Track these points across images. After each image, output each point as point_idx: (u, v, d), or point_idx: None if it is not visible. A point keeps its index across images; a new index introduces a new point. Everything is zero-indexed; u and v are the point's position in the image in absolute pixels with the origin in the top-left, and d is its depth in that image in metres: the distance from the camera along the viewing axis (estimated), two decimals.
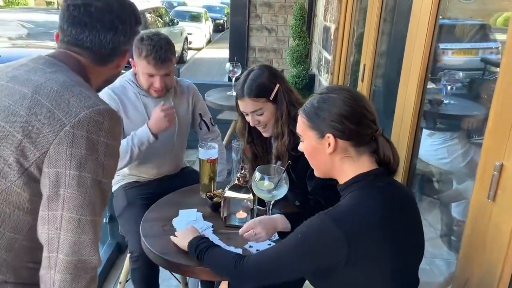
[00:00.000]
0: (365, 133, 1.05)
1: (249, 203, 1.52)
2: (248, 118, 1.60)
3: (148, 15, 9.89)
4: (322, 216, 0.99)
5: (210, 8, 19.89)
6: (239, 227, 1.45)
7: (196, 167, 1.98)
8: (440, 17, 1.72)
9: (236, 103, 1.63)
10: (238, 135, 1.76)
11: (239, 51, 4.74)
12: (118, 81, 1.94)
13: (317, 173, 1.17)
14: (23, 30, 14.05)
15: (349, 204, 1.02)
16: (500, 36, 2.36)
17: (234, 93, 3.35)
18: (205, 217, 1.61)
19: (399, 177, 1.85)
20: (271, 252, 1.12)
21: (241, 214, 1.56)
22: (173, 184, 1.95)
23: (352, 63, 3.30)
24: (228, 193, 1.53)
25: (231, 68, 3.33)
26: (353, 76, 3.26)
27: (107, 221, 2.56)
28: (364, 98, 1.09)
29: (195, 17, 15.59)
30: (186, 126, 2.09)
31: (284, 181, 1.42)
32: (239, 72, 3.35)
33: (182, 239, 1.36)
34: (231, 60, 4.48)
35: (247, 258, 1.14)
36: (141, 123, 1.87)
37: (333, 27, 3.37)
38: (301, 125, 1.12)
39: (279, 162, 1.57)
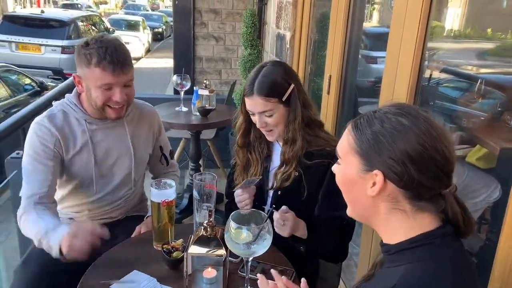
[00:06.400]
0: (429, 186, 0.75)
1: (220, 258, 1.18)
2: (254, 118, 1.40)
3: (80, 23, 9.13)
4: None
5: (147, 17, 19.24)
6: None
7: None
8: None
9: (242, 100, 1.42)
10: (236, 134, 1.52)
11: (185, 61, 4.34)
12: (57, 106, 1.53)
13: (351, 212, 0.87)
14: None
15: (417, 282, 0.71)
16: None
17: (183, 109, 3.04)
18: (161, 280, 1.23)
19: None
20: None
21: (210, 273, 1.22)
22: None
23: (309, 73, 3.08)
24: (194, 249, 1.17)
25: (178, 81, 2.93)
26: (310, 86, 3.04)
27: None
28: (445, 137, 0.76)
29: (132, 26, 15.04)
30: (144, 161, 1.69)
31: (267, 230, 1.10)
32: (188, 85, 2.97)
33: None
34: (176, 71, 4.07)
35: None
36: (87, 157, 1.52)
37: (288, 34, 3.13)
38: (345, 145, 0.83)
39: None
